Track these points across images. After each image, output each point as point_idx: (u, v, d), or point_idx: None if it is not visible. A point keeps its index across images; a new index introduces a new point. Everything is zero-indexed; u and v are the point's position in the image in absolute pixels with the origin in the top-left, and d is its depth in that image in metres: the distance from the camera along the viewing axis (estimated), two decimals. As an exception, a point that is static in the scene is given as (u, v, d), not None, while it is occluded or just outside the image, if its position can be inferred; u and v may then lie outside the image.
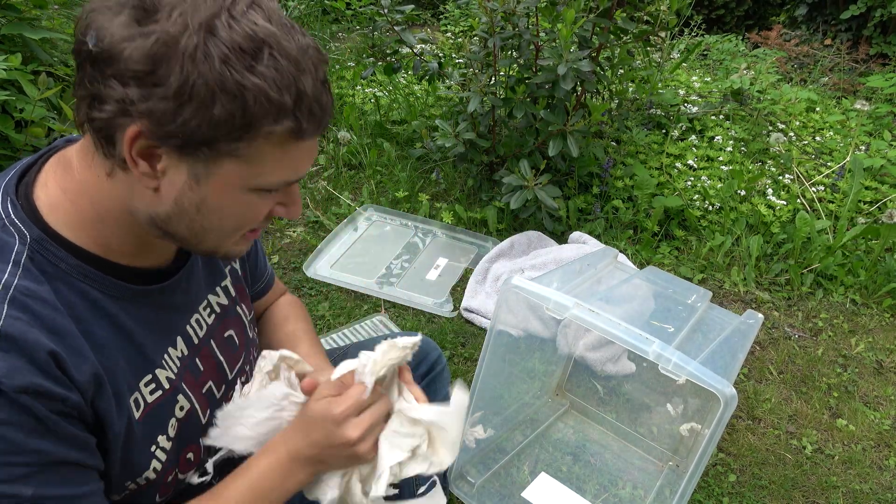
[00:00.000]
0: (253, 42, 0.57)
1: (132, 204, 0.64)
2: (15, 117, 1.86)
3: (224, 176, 0.62)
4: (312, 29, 3.50)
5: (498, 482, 1.40)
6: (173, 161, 0.60)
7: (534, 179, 2.11)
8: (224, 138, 0.58)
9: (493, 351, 1.22)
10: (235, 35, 0.56)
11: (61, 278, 0.63)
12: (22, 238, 0.62)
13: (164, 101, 0.56)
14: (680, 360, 1.00)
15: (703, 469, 1.09)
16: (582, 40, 2.07)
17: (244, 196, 0.65)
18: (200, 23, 0.55)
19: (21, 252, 0.61)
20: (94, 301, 0.65)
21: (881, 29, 4.05)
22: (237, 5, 0.57)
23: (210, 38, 0.55)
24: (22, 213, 0.63)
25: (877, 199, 2.44)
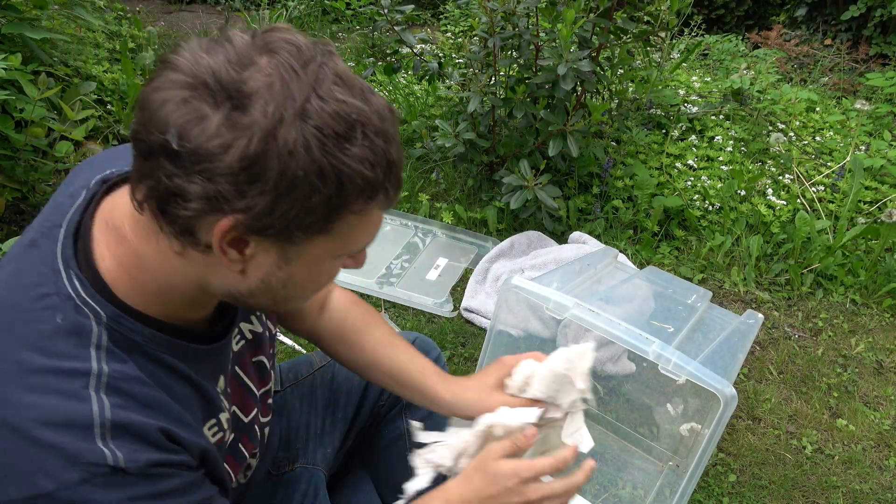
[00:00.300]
0: (345, 122, 0.54)
1: (207, 281, 0.63)
2: (15, 117, 1.86)
3: (313, 253, 0.61)
4: (312, 29, 3.49)
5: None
6: (263, 246, 0.58)
7: (534, 179, 2.11)
8: (319, 221, 0.57)
9: (492, 351, 1.21)
10: (328, 118, 0.54)
11: (139, 350, 0.62)
12: (98, 318, 0.60)
13: (262, 195, 0.53)
14: (680, 361, 1.00)
15: (703, 469, 1.09)
16: (582, 40, 2.07)
17: (328, 264, 0.64)
18: (294, 112, 0.53)
19: (100, 334, 0.60)
20: (171, 366, 0.65)
21: (881, 29, 4.05)
22: (322, 84, 0.54)
23: (305, 127, 0.53)
24: (91, 289, 0.61)
25: (877, 199, 2.44)
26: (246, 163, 0.52)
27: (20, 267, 0.63)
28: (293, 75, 0.53)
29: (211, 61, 0.53)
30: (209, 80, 0.52)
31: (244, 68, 0.53)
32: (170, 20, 4.02)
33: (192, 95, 0.52)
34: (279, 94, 0.52)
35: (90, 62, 2.62)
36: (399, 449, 1.12)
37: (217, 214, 0.54)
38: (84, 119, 2.22)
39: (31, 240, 0.65)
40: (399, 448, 1.12)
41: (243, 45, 0.55)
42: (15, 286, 0.62)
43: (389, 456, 1.12)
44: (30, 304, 0.60)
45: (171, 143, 0.52)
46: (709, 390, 0.98)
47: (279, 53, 0.54)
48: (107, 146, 2.49)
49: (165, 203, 0.55)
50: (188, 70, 0.53)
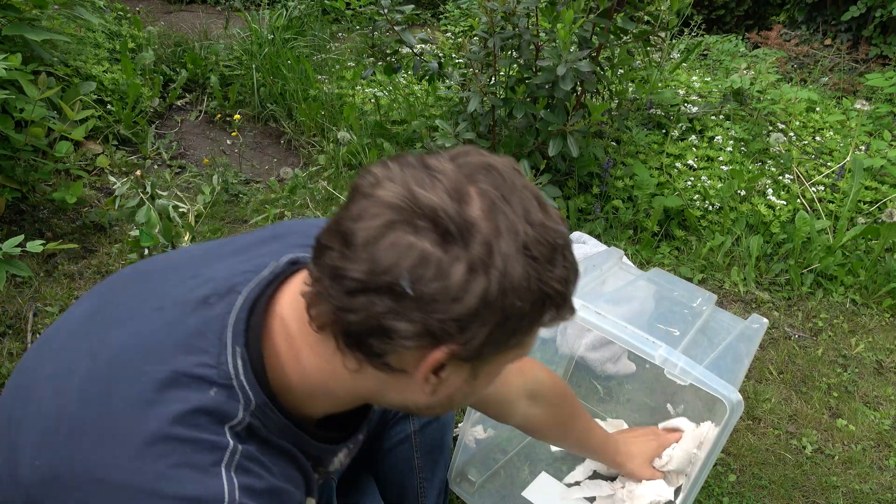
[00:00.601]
0: (551, 247, 0.55)
1: (382, 396, 0.63)
2: (15, 117, 1.86)
3: (500, 364, 0.62)
4: (312, 29, 3.49)
5: (498, 482, 1.40)
6: (459, 368, 0.59)
7: (534, 179, 2.11)
8: (518, 339, 0.58)
9: None
10: (539, 246, 0.54)
11: (271, 439, 0.62)
12: (247, 404, 0.60)
13: (482, 328, 0.53)
14: (686, 365, 1.00)
15: (707, 473, 1.09)
16: (582, 40, 2.07)
17: (503, 370, 0.65)
18: (517, 248, 0.53)
19: (243, 419, 0.59)
20: (292, 455, 0.65)
21: (881, 29, 4.05)
22: (530, 211, 0.55)
23: (525, 260, 0.53)
24: (251, 373, 0.60)
25: (877, 199, 2.44)
26: (482, 305, 0.52)
27: (185, 320, 0.61)
28: (507, 207, 0.53)
29: (431, 197, 0.51)
30: (434, 219, 0.51)
31: (464, 203, 0.52)
32: (170, 20, 4.02)
33: (419, 236, 0.51)
34: (504, 231, 0.52)
35: (90, 62, 2.62)
36: (404, 451, 1.12)
37: (430, 348, 0.54)
38: (84, 119, 2.22)
39: (205, 296, 0.63)
40: (404, 450, 1.12)
41: (452, 174, 0.53)
42: (174, 341, 0.60)
43: (394, 458, 1.12)
44: (187, 367, 0.58)
45: (403, 289, 0.51)
46: (708, 391, 0.98)
47: (485, 181, 0.54)
48: (106, 146, 2.49)
49: (365, 336, 0.54)
50: (406, 206, 0.51)
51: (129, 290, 0.69)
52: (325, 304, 0.55)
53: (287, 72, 2.96)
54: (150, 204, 1.75)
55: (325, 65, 3.34)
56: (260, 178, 2.59)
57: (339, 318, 0.54)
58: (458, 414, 1.59)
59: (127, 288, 0.69)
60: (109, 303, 0.67)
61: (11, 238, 1.48)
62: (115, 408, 0.57)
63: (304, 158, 2.75)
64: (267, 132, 2.93)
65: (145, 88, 2.78)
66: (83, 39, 2.75)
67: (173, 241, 1.89)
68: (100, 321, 0.65)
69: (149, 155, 2.58)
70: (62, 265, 1.91)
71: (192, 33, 3.47)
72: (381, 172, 0.54)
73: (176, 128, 2.84)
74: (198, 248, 0.74)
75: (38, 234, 1.99)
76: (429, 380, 0.57)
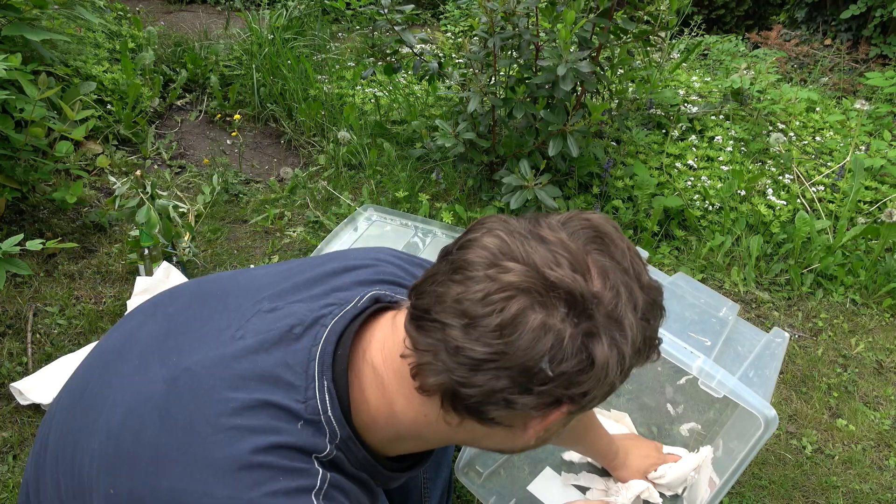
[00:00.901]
0: (655, 306, 0.58)
1: (477, 441, 0.64)
2: (15, 117, 1.86)
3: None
4: (312, 29, 3.49)
5: (501, 477, 1.40)
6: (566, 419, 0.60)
7: (534, 179, 2.11)
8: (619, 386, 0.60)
9: None
10: (648, 307, 0.57)
11: (348, 470, 0.63)
12: (333, 437, 0.60)
13: (599, 388, 0.55)
14: (723, 378, 1.00)
15: (730, 487, 1.10)
16: (582, 40, 2.07)
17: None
18: (638, 317, 0.55)
19: (330, 452, 0.60)
20: (367, 485, 0.66)
21: (881, 29, 4.05)
22: (640, 274, 0.57)
23: (644, 325, 0.56)
24: (338, 408, 0.61)
25: (877, 199, 2.44)
26: (614, 373, 0.54)
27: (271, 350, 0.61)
28: (625, 277, 0.55)
29: (561, 276, 0.52)
30: (568, 300, 0.52)
31: (588, 278, 0.53)
32: (170, 20, 4.02)
33: (554, 316, 0.52)
34: (627, 302, 0.54)
35: (90, 62, 2.62)
36: None
37: (551, 412, 0.56)
38: (84, 119, 2.22)
39: (290, 326, 0.63)
40: None
41: (569, 247, 0.54)
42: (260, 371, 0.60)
43: None
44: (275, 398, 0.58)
45: (543, 371, 0.52)
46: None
47: (599, 251, 0.55)
48: (106, 146, 2.49)
49: (483, 406, 0.55)
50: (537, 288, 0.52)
51: (200, 313, 0.68)
52: (440, 375, 0.55)
53: (287, 72, 2.96)
54: (150, 204, 1.75)
55: (325, 65, 3.34)
56: (260, 178, 2.59)
57: (455, 391, 0.55)
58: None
59: (197, 309, 0.68)
60: (181, 325, 0.67)
61: (11, 237, 1.48)
62: (201, 433, 0.56)
63: (304, 158, 2.75)
64: (267, 132, 2.93)
65: (145, 88, 2.78)
66: (83, 39, 2.75)
67: (173, 241, 1.89)
68: (173, 346, 0.64)
69: (149, 155, 2.58)
70: (62, 265, 1.91)
71: (192, 33, 3.47)
72: (496, 246, 0.54)
73: (176, 128, 2.84)
74: (264, 274, 0.73)
75: (38, 234, 1.99)
76: (538, 433, 0.59)
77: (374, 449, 0.66)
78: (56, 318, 1.74)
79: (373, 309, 0.66)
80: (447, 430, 0.61)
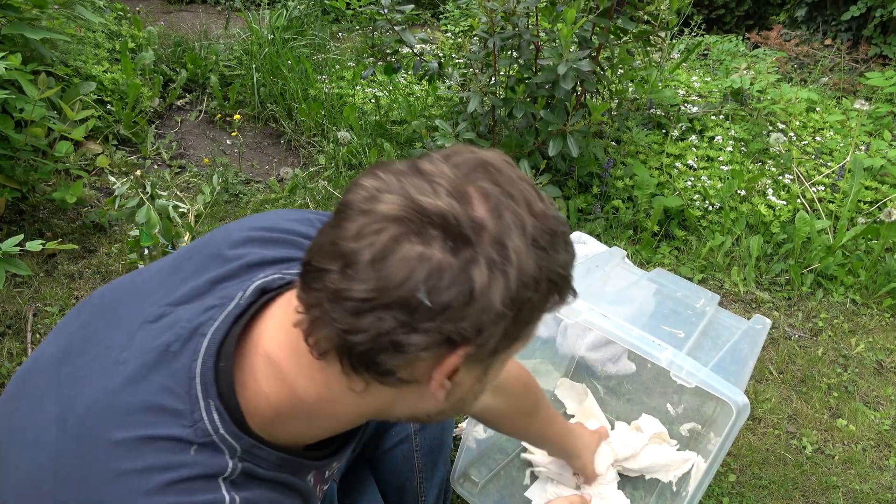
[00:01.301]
0: (553, 235, 0.54)
1: (389, 411, 0.60)
2: (15, 117, 1.86)
3: (508, 357, 0.60)
4: (312, 29, 3.49)
5: (499, 483, 1.40)
6: (471, 369, 0.57)
7: (534, 179, 2.11)
8: (526, 331, 0.57)
9: None
10: (543, 235, 0.53)
11: (265, 476, 0.60)
12: (233, 452, 0.57)
13: (497, 326, 0.52)
14: (692, 368, 0.99)
15: (712, 477, 1.09)
16: (582, 40, 2.07)
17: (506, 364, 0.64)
18: (527, 243, 0.51)
19: (234, 468, 0.57)
20: (284, 483, 0.63)
21: (881, 29, 4.05)
22: (531, 202, 0.53)
23: (538, 254, 0.52)
24: (231, 424, 0.57)
25: (877, 199, 2.44)
26: (502, 304, 0.50)
27: (149, 376, 0.58)
28: (510, 202, 0.52)
29: (436, 203, 0.50)
30: (443, 225, 0.49)
31: (468, 205, 0.50)
32: (170, 20, 4.02)
33: (430, 245, 0.49)
34: (512, 227, 0.51)
35: (90, 62, 2.62)
36: (404, 451, 1.12)
37: (445, 354, 0.52)
38: (84, 119, 2.22)
39: (167, 344, 0.59)
40: (404, 450, 1.12)
41: (449, 176, 0.52)
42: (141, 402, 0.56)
43: (394, 458, 1.12)
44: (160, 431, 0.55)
45: (420, 301, 0.49)
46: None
47: (483, 179, 0.52)
48: (106, 146, 2.49)
49: (375, 355, 0.51)
50: (411, 216, 0.49)
51: (97, 329, 0.64)
52: (327, 328, 0.52)
53: (287, 72, 2.96)
54: (150, 204, 1.75)
55: (325, 65, 3.34)
56: (260, 178, 2.59)
57: (344, 341, 0.51)
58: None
59: (95, 324, 0.65)
60: (77, 346, 0.63)
61: (11, 238, 1.48)
62: (93, 484, 0.54)
63: (304, 158, 2.75)
64: (267, 132, 2.93)
65: (145, 88, 2.78)
66: (83, 39, 2.75)
67: (173, 241, 1.89)
68: (66, 375, 0.61)
69: (149, 155, 2.58)
70: (62, 265, 1.91)
71: (192, 33, 3.47)
72: (374, 185, 0.51)
73: (176, 128, 2.84)
74: (157, 271, 0.69)
75: (38, 234, 1.99)
76: (443, 385, 0.55)
77: (289, 443, 0.62)
78: (56, 319, 1.74)
79: (261, 302, 0.63)
80: (355, 400, 0.58)
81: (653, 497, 1.41)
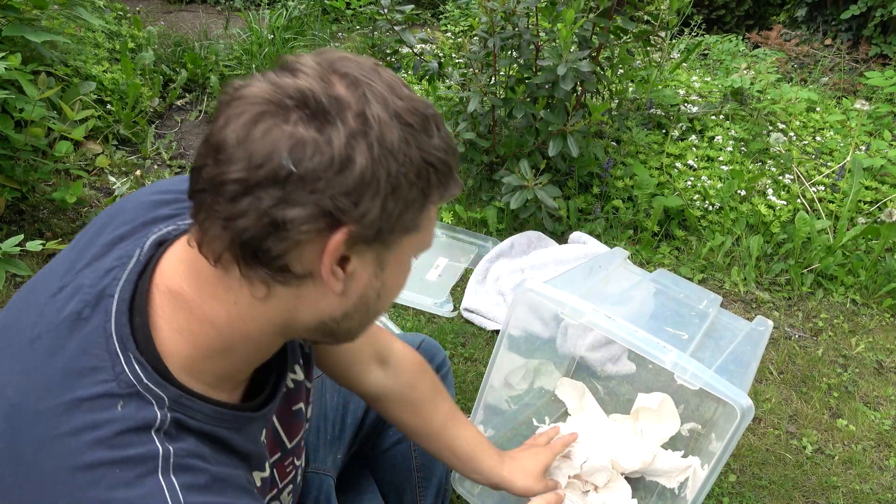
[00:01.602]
0: (422, 117, 0.55)
1: (295, 317, 0.59)
2: (15, 117, 1.86)
3: (402, 253, 0.60)
4: (312, 29, 3.49)
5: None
6: (363, 258, 0.57)
7: (534, 179, 2.11)
8: (413, 218, 0.57)
9: (502, 354, 1.22)
10: (411, 115, 0.54)
11: (198, 429, 0.60)
12: (160, 402, 0.57)
13: (374, 200, 0.53)
14: (697, 370, 0.99)
15: (715, 479, 1.09)
16: (582, 40, 2.07)
17: (408, 265, 0.64)
18: (389, 114, 0.53)
19: (164, 418, 0.57)
20: (222, 440, 0.62)
21: (881, 29, 4.05)
22: (394, 86, 0.55)
23: (403, 128, 0.53)
24: (153, 373, 0.57)
25: (877, 199, 2.44)
26: (368, 170, 0.51)
27: (65, 344, 0.58)
28: (372, 82, 0.54)
29: (298, 82, 0.51)
30: (303, 101, 0.51)
31: (329, 84, 0.52)
32: (170, 20, 4.02)
33: (291, 120, 0.50)
34: (372, 100, 0.52)
35: (90, 62, 2.62)
36: (402, 450, 1.12)
37: (328, 232, 0.53)
38: (84, 119, 2.22)
39: (77, 312, 0.59)
40: (402, 450, 1.12)
41: (314, 65, 0.54)
42: (61, 370, 0.56)
43: (392, 457, 1.12)
44: (84, 391, 0.55)
45: (287, 170, 0.50)
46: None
47: (347, 67, 0.54)
48: (106, 146, 2.49)
49: (262, 241, 0.52)
50: (273, 97, 0.51)
51: (13, 317, 0.64)
52: (214, 225, 0.52)
53: (287, 72, 2.96)
54: (150, 204, 1.75)
55: (325, 65, 3.34)
56: (260, 178, 2.59)
57: (229, 230, 0.51)
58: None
59: (12, 313, 0.65)
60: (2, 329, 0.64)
61: (11, 238, 1.48)
62: (25, 459, 0.54)
63: (304, 158, 2.75)
64: (267, 132, 2.93)
65: (145, 88, 2.78)
66: (83, 39, 2.75)
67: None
68: None
69: (149, 155, 2.58)
70: (62, 265, 1.91)
71: (192, 33, 3.47)
72: (241, 82, 0.54)
73: (176, 128, 2.84)
74: (66, 248, 0.70)
75: (37, 234, 1.99)
76: (335, 274, 0.55)
77: (222, 394, 0.63)
78: None
79: (159, 254, 0.62)
80: (262, 310, 0.57)
81: (653, 497, 1.42)
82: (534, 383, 1.60)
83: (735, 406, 0.97)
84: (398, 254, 0.60)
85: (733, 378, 1.02)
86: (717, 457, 1.03)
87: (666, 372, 1.02)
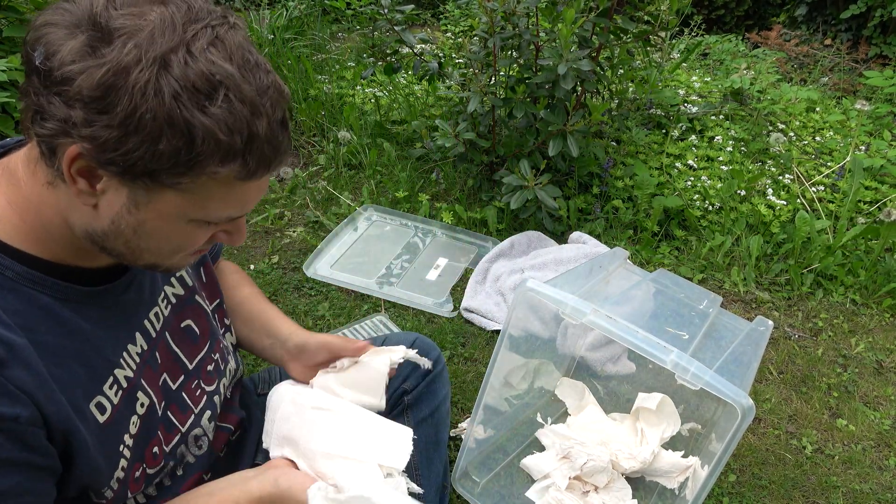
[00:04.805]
0: (209, 82, 0.56)
1: (69, 216, 0.64)
2: (15, 118, 1.86)
3: (164, 205, 0.62)
4: (312, 29, 3.49)
5: (500, 483, 1.40)
6: (113, 183, 0.60)
7: (534, 179, 2.11)
8: (167, 172, 0.59)
9: (503, 354, 1.22)
10: (190, 73, 0.56)
11: (8, 287, 0.63)
12: None
13: (109, 128, 0.56)
14: (697, 371, 0.99)
15: (716, 479, 1.09)
16: (582, 40, 2.07)
17: (183, 225, 0.65)
18: (155, 57, 0.55)
19: None
20: (45, 307, 0.65)
21: (881, 29, 4.05)
22: (197, 41, 0.57)
23: (163, 74, 0.55)
24: None
25: (877, 199, 2.44)
26: (96, 92, 0.54)
27: None
28: (169, 27, 0.56)
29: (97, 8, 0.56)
30: (85, 14, 0.56)
31: (123, 9, 0.56)
32: (170, 20, 4.03)
33: (66, 24, 0.55)
34: (144, 39, 0.55)
35: (90, 62, 2.62)
36: None
37: (67, 138, 0.57)
38: (84, 119, 2.21)
39: None
40: None
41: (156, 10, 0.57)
42: None
43: None
44: None
45: (36, 60, 0.56)
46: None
47: (169, 7, 0.57)
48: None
49: (33, 122, 0.58)
50: (80, 16, 0.56)
51: None
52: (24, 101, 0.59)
53: (287, 72, 2.96)
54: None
55: (325, 65, 3.34)
56: (260, 178, 2.59)
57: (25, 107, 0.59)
58: (457, 414, 1.59)
59: None
60: None
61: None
62: None
63: (304, 158, 2.75)
64: (267, 132, 2.93)
65: (145, 88, 2.78)
66: (83, 39, 2.75)
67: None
68: None
69: (149, 155, 2.58)
70: (62, 265, 1.91)
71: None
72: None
73: (176, 128, 2.84)
74: None
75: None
76: (78, 184, 0.60)
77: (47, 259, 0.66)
78: None
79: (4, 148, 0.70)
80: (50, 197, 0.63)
81: (653, 497, 1.42)
82: (534, 383, 1.60)
83: (736, 406, 0.97)
84: (157, 202, 0.62)
85: (734, 378, 1.02)
86: (717, 457, 1.03)
87: (666, 372, 1.02)
